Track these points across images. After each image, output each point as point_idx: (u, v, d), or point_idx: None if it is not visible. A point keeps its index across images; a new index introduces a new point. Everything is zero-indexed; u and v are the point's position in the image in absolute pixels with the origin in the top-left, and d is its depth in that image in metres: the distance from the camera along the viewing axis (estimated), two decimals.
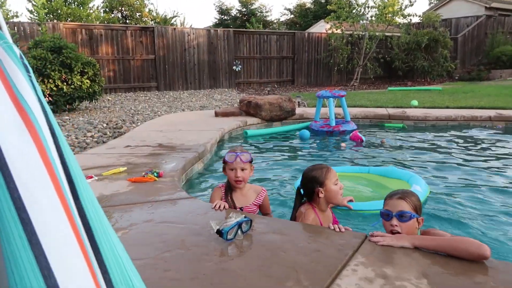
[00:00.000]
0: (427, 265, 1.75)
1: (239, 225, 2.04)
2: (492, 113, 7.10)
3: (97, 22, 17.24)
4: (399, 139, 5.98)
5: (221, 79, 14.14)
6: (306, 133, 6.15)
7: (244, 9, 30.54)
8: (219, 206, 2.42)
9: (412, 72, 16.44)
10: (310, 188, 2.40)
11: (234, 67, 14.18)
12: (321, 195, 2.37)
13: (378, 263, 1.77)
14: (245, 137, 6.22)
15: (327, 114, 6.79)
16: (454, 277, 1.66)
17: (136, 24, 18.30)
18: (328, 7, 15.99)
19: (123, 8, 18.89)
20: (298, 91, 13.34)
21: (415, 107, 8.23)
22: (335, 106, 6.77)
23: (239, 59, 14.38)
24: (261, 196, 2.68)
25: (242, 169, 2.53)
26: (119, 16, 19.18)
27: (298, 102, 9.04)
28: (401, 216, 2.01)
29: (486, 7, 21.05)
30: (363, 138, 5.81)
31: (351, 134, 5.97)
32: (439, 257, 1.81)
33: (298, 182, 2.60)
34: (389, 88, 13.85)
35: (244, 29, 16.63)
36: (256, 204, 2.64)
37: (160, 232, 2.15)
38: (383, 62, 16.36)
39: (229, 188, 2.64)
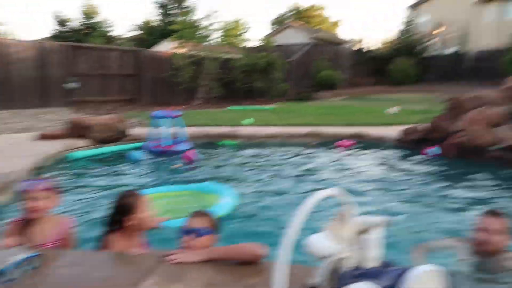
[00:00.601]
0: (213, 275, 1.93)
1: (25, 261, 1.89)
2: (308, 129, 8.19)
3: None
4: (230, 156, 6.40)
5: (53, 98, 12.83)
6: (137, 154, 6.06)
7: (88, 21, 28.52)
8: (5, 244, 2.18)
9: (251, 92, 17.78)
10: (119, 216, 2.39)
11: (68, 84, 13.05)
12: (130, 222, 2.37)
13: (168, 282, 1.86)
14: (69, 161, 5.77)
15: (162, 134, 6.83)
16: (232, 283, 1.86)
17: None
18: (170, 27, 16.22)
19: None
20: (141, 111, 13.05)
21: (247, 125, 8.94)
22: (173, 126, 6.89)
23: (77, 75, 13.34)
24: (62, 228, 2.47)
25: (35, 198, 2.33)
26: None
27: (137, 122, 8.85)
28: (196, 233, 2.16)
29: (311, 37, 24.41)
30: (196, 157, 5.98)
31: (184, 154, 6.09)
32: (224, 267, 2.00)
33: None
34: (229, 108, 14.70)
35: (81, 44, 15.56)
36: (57, 238, 2.41)
37: None
38: (225, 82, 17.27)
39: (27, 222, 2.40)
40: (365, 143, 7.50)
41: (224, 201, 3.15)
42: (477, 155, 6.09)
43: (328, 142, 7.52)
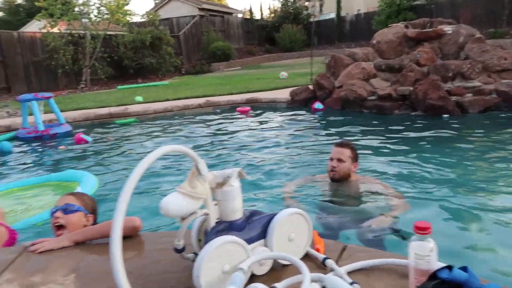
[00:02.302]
0: (82, 258, 1.76)
1: None
2: (202, 100, 8.09)
3: None
4: (128, 134, 6.05)
5: None
6: (6, 144, 5.39)
7: None
8: None
9: (143, 70, 16.94)
10: None
11: None
12: None
13: (27, 274, 1.65)
14: None
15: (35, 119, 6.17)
16: (105, 261, 1.71)
17: None
18: (36, 3, 14.42)
19: None
20: (13, 100, 11.58)
21: (139, 102, 8.51)
22: (46, 112, 6.24)
23: None
24: None
25: None
26: None
27: (8, 112, 7.83)
28: (66, 210, 1.97)
29: (198, 8, 23.83)
30: (88, 139, 5.58)
31: (75, 137, 5.64)
32: (97, 247, 1.84)
33: None
34: (119, 87, 13.86)
35: None
36: None
37: None
38: (112, 61, 16.12)
39: None
40: (260, 108, 7.69)
41: (83, 187, 2.95)
42: (358, 106, 6.62)
43: (227, 110, 7.55)
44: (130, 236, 1.89)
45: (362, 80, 6.76)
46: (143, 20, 19.18)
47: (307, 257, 1.54)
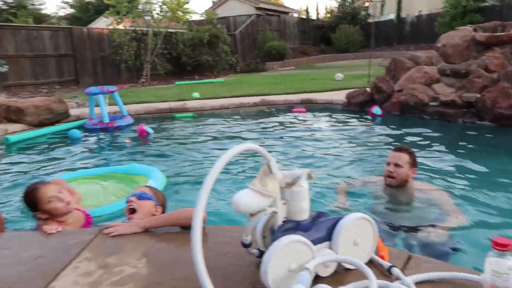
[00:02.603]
0: (152, 245, 1.86)
1: None
2: (258, 99, 8.18)
3: None
4: (187, 129, 6.29)
5: None
6: (76, 132, 5.79)
7: (10, 0, 26.31)
8: None
9: (200, 67, 17.40)
10: (32, 211, 2.32)
11: None
12: (42, 216, 2.29)
13: (103, 255, 1.78)
14: (7, 144, 5.42)
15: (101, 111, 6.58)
16: (173, 249, 1.82)
17: None
18: (105, 1, 15.30)
19: None
20: (82, 92, 12.38)
21: (196, 98, 8.77)
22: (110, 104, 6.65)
23: (5, 58, 12.33)
24: None
25: None
26: None
27: (77, 103, 8.40)
28: (140, 196, 2.11)
29: (255, 7, 24.05)
30: (150, 131, 5.85)
31: (138, 128, 5.93)
32: (165, 235, 1.95)
33: None
34: (177, 83, 14.33)
35: (6, 24, 14.32)
36: None
37: None
38: (171, 58, 16.72)
39: None
40: (315, 109, 7.64)
41: (152, 182, 3.09)
42: (418, 112, 6.37)
43: (282, 109, 7.61)
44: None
45: (424, 84, 6.50)
46: (201, 18, 19.70)
47: (371, 264, 1.53)
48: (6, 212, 3.03)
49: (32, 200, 2.25)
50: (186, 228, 1.99)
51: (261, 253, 1.65)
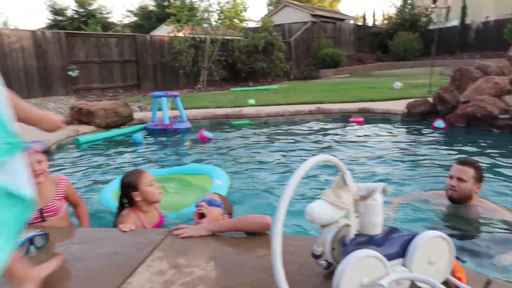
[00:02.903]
0: (218, 248, 1.92)
1: (31, 241, 1.89)
2: (313, 107, 8.13)
3: None
4: (241, 135, 6.40)
5: (55, 86, 12.81)
6: (138, 137, 6.07)
7: (81, 10, 28.32)
8: None
9: (254, 73, 17.61)
10: (127, 193, 2.44)
11: (69, 73, 13.03)
12: (138, 198, 2.43)
13: (173, 255, 1.86)
14: (77, 144, 5.83)
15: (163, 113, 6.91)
16: (239, 255, 1.85)
17: None
18: (167, 10, 15.99)
19: None
20: (144, 96, 13.01)
21: (252, 105, 8.89)
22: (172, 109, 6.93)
23: (76, 64, 13.27)
24: (61, 186, 2.49)
25: (40, 161, 2.34)
26: None
27: (140, 106, 8.83)
28: (210, 202, 2.18)
29: (311, 14, 23.98)
30: (210, 136, 6.02)
31: (199, 134, 6.10)
32: (231, 240, 2.00)
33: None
34: (232, 89, 14.61)
35: (77, 32, 15.41)
36: (58, 198, 2.45)
37: None
38: (226, 64, 17.10)
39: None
40: (373, 118, 7.46)
41: (217, 184, 3.15)
42: (486, 125, 6.00)
43: (338, 119, 7.51)
44: (260, 234, 2.01)
45: (493, 96, 6.12)
46: (257, 25, 20.00)
47: (446, 284, 1.47)
48: None
49: (135, 180, 2.41)
50: (250, 234, 2.03)
51: (329, 265, 1.64)
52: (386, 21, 28.37)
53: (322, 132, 6.53)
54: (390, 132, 6.47)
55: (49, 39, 12.62)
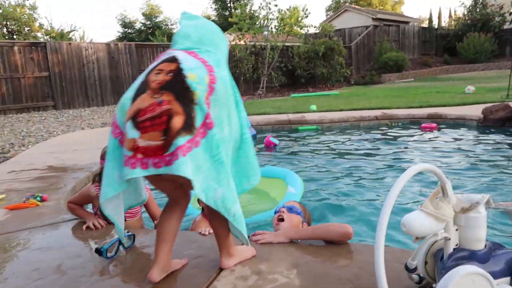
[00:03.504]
0: (299, 256, 1.89)
1: (120, 241, 1.99)
2: (378, 113, 7.86)
3: None
4: (307, 141, 6.35)
5: None
6: None
7: (148, 22, 29.93)
8: (93, 225, 2.32)
9: (313, 79, 17.47)
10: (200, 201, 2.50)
11: None
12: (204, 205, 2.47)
13: (255, 261, 1.86)
14: None
15: None
16: (321, 264, 1.81)
17: (25, 39, 16.85)
18: (229, 19, 16.39)
19: (8, 23, 17.29)
20: None
21: (314, 111, 8.79)
22: None
23: None
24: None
25: None
26: (4, 32, 17.52)
27: None
28: (291, 209, 2.16)
29: (373, 18, 23.31)
30: (276, 142, 6.04)
31: (265, 140, 6.15)
32: (311, 248, 1.96)
33: None
34: (292, 95, 14.58)
35: (146, 43, 16.27)
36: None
37: (35, 259, 2.01)
38: (286, 70, 17.12)
39: None
40: (444, 124, 7.05)
41: (290, 192, 3.12)
42: None
43: (407, 125, 7.21)
44: (339, 243, 1.96)
45: None
46: (317, 31, 19.81)
47: None
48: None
49: None
50: (329, 242, 1.98)
51: (420, 280, 1.55)
52: (454, 22, 26.79)
53: (393, 139, 6.28)
54: (467, 139, 6.07)
55: (121, 50, 13.46)
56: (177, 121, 1.41)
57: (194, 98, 1.46)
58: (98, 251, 1.90)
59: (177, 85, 1.48)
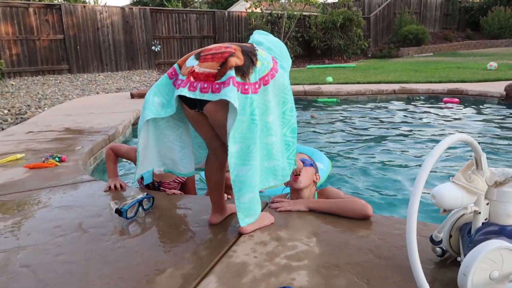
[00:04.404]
0: (318, 225, 1.88)
1: (140, 202, 2.00)
2: (396, 86, 7.69)
3: None
4: (329, 114, 6.26)
5: (140, 60, 13.55)
6: None
7: None
8: (114, 187, 2.34)
9: (330, 51, 17.08)
10: None
11: (153, 48, 13.65)
12: None
13: (274, 228, 1.86)
14: None
15: None
16: (341, 233, 1.80)
17: (40, 1, 16.68)
18: None
19: None
20: None
21: (330, 83, 8.64)
22: None
23: (158, 39, 13.86)
24: None
25: None
26: None
27: None
28: (304, 162, 2.13)
29: None
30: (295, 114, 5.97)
31: None
32: (330, 217, 1.95)
33: None
34: (308, 66, 14.33)
35: (161, 8, 15.98)
36: (178, 182, 2.52)
37: (56, 217, 2.04)
38: (302, 41, 16.76)
39: None
40: (465, 100, 6.88)
41: (321, 165, 3.08)
42: None
43: (426, 99, 7.05)
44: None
45: None
46: (335, 1, 19.21)
47: None
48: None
49: None
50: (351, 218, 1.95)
51: (443, 253, 1.53)
52: None
53: (410, 112, 6.16)
54: (486, 116, 5.92)
55: (135, 15, 13.27)
56: (236, 61, 1.52)
57: (256, 63, 1.57)
58: (118, 211, 1.92)
59: (247, 47, 1.61)
